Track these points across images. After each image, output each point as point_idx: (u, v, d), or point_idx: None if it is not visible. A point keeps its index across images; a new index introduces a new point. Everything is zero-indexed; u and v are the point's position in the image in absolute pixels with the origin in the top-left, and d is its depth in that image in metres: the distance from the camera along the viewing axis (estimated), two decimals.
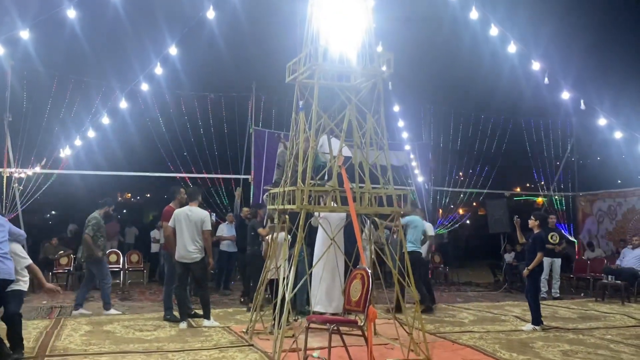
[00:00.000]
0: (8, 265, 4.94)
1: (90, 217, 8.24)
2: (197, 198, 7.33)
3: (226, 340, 6.16)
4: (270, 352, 5.36)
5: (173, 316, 7.31)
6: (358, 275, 5.24)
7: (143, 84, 10.69)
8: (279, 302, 5.60)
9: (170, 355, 5.36)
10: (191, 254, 7.02)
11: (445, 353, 5.66)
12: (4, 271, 4.90)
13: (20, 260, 5.29)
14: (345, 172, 5.76)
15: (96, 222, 8.14)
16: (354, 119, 6.11)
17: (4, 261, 4.91)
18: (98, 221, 8.17)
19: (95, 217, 8.21)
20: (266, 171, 12.30)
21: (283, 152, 7.06)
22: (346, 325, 5.28)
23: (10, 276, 4.96)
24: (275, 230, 6.44)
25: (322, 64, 5.82)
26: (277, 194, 6.15)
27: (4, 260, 4.91)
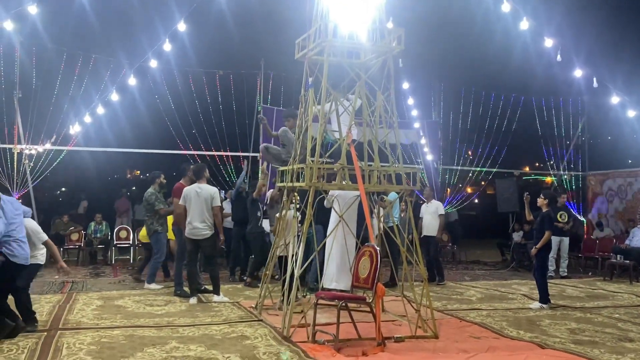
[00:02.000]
0: (25, 250, 5.04)
1: (147, 194, 8.26)
2: (203, 175, 7.35)
3: (235, 315, 6.24)
4: (279, 327, 5.42)
5: (183, 291, 7.40)
6: (366, 252, 5.27)
7: (152, 61, 10.64)
8: (288, 278, 5.65)
9: (181, 330, 5.44)
10: (201, 231, 7.08)
11: (452, 330, 5.70)
12: (22, 256, 5.01)
13: (38, 235, 5.38)
14: (354, 150, 5.74)
15: (156, 196, 8.21)
16: (364, 97, 6.06)
17: (22, 246, 5.01)
18: (157, 194, 8.24)
19: (152, 192, 8.25)
20: None
21: (285, 131, 7.04)
22: (354, 301, 5.33)
23: (26, 261, 5.06)
24: (284, 208, 6.46)
25: (331, 40, 5.75)
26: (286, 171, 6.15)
27: (22, 245, 5.01)
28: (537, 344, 5.18)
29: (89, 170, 19.08)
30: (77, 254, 11.90)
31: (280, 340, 5.06)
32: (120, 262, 11.78)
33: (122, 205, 14.51)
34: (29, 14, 9.18)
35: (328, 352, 4.68)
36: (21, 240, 5.03)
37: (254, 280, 8.38)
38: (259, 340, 5.08)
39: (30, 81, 11.83)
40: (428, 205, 9.74)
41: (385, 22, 6.13)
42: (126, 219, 14.03)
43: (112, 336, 5.11)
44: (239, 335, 5.28)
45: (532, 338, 5.42)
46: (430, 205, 9.71)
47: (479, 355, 4.70)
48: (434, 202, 9.83)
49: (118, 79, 11.28)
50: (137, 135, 14.82)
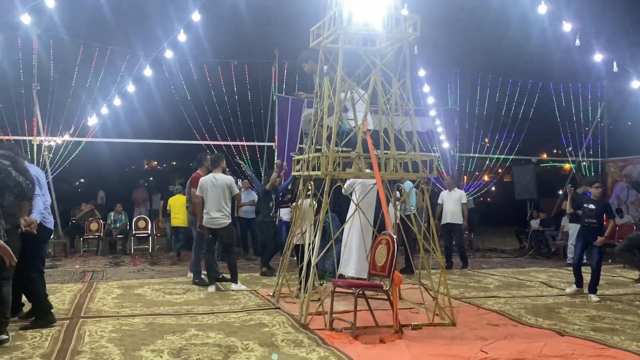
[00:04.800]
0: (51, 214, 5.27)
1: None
2: (219, 164, 7.41)
3: (253, 303, 6.29)
4: (296, 315, 5.46)
5: (201, 280, 7.49)
6: (383, 240, 5.27)
7: (167, 51, 10.69)
8: (305, 266, 5.68)
9: (200, 318, 5.51)
10: (218, 220, 7.15)
11: (470, 318, 5.69)
12: (51, 221, 5.24)
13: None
14: (370, 138, 5.72)
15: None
16: (379, 84, 6.03)
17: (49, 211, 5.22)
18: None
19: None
20: (290, 138, 12.30)
21: (307, 122, 7.03)
22: (371, 289, 5.34)
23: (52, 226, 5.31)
24: (300, 197, 6.47)
25: (346, 27, 5.71)
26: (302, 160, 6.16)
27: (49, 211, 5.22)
28: (555, 331, 5.15)
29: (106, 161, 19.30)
30: (96, 244, 12.09)
31: (298, 328, 5.09)
32: (139, 252, 11.94)
33: (140, 195, 14.69)
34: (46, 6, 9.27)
35: (345, 340, 4.70)
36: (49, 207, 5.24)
37: (269, 269, 8.44)
38: (277, 328, 5.12)
39: (48, 73, 11.97)
40: (451, 193, 9.80)
41: (400, 9, 6.07)
42: (144, 209, 14.20)
43: (133, 324, 5.19)
44: (257, 322, 5.33)
45: (551, 325, 5.38)
46: (453, 193, 9.79)
47: (497, 342, 4.68)
48: (457, 191, 9.91)
49: (134, 70, 11.35)
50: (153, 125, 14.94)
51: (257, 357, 4.22)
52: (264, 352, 4.35)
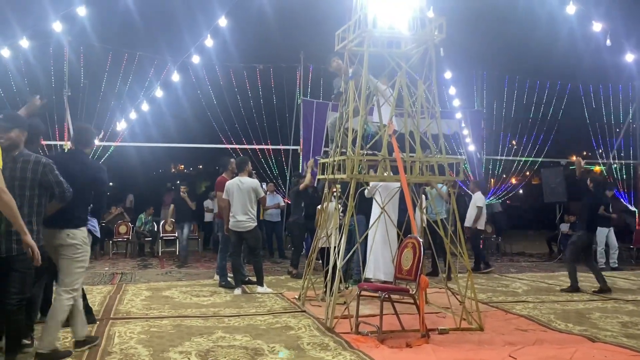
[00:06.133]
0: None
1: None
2: (245, 168, 7.47)
3: (279, 306, 6.32)
4: (322, 318, 5.46)
5: (228, 282, 7.55)
6: (409, 244, 5.24)
7: (194, 57, 10.84)
8: (330, 270, 5.68)
9: (227, 320, 5.55)
10: (244, 223, 7.20)
11: (498, 322, 5.61)
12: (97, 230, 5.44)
13: None
14: (395, 141, 5.69)
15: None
16: (405, 87, 6.00)
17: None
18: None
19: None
20: (315, 141, 12.33)
21: (332, 125, 7.03)
22: (397, 293, 5.31)
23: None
24: (326, 200, 6.48)
25: (372, 30, 5.71)
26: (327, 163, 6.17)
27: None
28: (587, 337, 5.04)
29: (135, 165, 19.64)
30: (125, 247, 12.29)
31: (324, 331, 5.10)
32: (167, 254, 12.10)
33: (169, 198, 14.88)
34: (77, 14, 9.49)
35: (371, 343, 4.68)
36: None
37: (299, 272, 8.47)
38: (303, 331, 5.13)
39: (78, 80, 12.26)
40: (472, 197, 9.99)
41: (425, 11, 6.04)
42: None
43: (161, 325, 5.26)
44: (283, 325, 5.35)
45: (582, 331, 5.27)
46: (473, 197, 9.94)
47: (526, 348, 4.61)
48: (475, 194, 9.97)
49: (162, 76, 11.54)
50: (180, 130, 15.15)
51: None
52: (290, 355, 4.37)
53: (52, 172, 3.89)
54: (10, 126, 3.84)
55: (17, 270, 3.72)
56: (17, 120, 3.97)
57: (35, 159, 3.87)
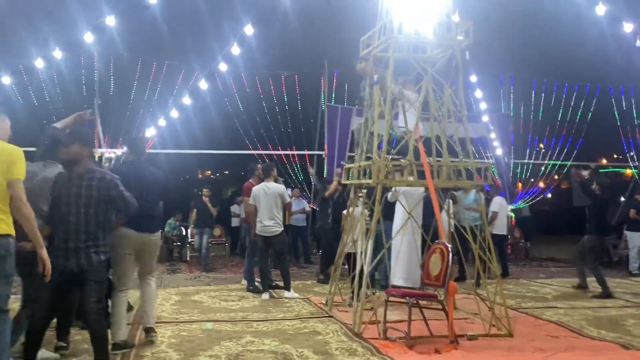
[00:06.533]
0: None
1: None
2: (271, 174, 7.54)
3: (307, 311, 6.35)
4: (349, 324, 5.47)
5: (255, 287, 7.62)
6: (437, 249, 5.22)
7: (221, 64, 10.99)
8: (357, 275, 5.69)
9: (255, 325, 5.61)
10: (271, 228, 7.27)
11: (527, 329, 5.54)
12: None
13: None
14: (422, 146, 5.69)
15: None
16: (431, 91, 6.00)
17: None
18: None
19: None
20: (339, 146, 12.36)
21: (357, 131, 7.06)
22: (425, 299, 5.29)
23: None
24: (351, 205, 6.50)
25: (397, 36, 5.72)
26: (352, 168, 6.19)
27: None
28: (620, 344, 4.94)
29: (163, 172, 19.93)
30: None
31: (352, 337, 5.10)
32: (195, 259, 12.24)
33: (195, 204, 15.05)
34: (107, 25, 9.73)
35: (400, 349, 4.67)
36: None
37: (327, 277, 8.49)
38: (330, 336, 5.15)
39: (108, 89, 12.55)
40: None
41: (451, 15, 6.03)
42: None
43: (191, 330, 5.34)
44: (310, 330, 5.38)
45: (615, 338, 5.17)
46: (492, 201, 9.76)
47: (557, 355, 4.54)
48: (494, 199, 9.81)
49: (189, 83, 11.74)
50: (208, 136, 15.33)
51: None
52: None
53: (116, 188, 3.96)
54: (70, 141, 3.90)
55: (94, 280, 3.87)
56: (79, 135, 4.02)
57: (99, 176, 3.93)
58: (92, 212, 3.86)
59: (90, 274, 3.85)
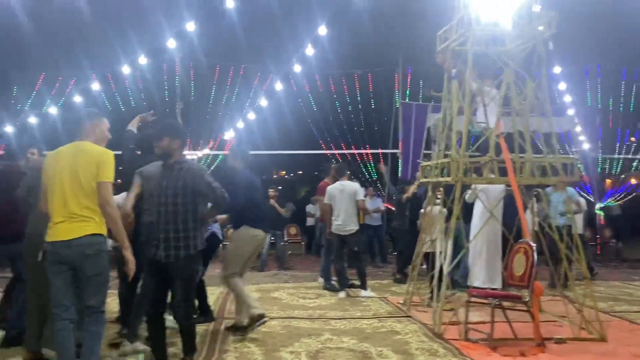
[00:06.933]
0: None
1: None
2: (345, 173, 7.57)
3: (384, 310, 6.31)
4: (429, 324, 5.38)
5: (332, 286, 7.66)
6: (521, 249, 5.02)
7: (295, 66, 11.14)
8: (437, 275, 5.58)
9: (333, 322, 5.64)
10: (346, 227, 7.28)
11: (622, 333, 5.20)
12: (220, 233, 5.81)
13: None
14: (504, 142, 5.49)
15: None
16: (512, 85, 5.77)
17: None
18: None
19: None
20: (414, 144, 12.19)
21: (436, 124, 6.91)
22: (509, 300, 5.10)
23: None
24: (429, 203, 6.39)
25: (475, 29, 5.55)
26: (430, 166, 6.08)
27: None
28: None
29: None
30: None
31: (432, 337, 5.01)
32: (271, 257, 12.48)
33: None
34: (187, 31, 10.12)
35: (483, 351, 4.54)
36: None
37: (403, 276, 8.41)
38: (410, 336, 5.08)
39: (188, 93, 13.09)
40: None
41: (531, 5, 5.77)
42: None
43: (271, 326, 5.44)
44: (388, 330, 5.34)
45: None
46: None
47: None
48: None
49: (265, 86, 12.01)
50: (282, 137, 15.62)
51: None
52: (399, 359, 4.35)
53: (202, 177, 3.88)
54: (160, 135, 3.94)
55: (180, 277, 3.82)
56: (168, 128, 4.04)
57: (187, 166, 3.89)
58: (180, 203, 3.81)
59: (176, 270, 3.80)
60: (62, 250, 3.34)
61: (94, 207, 3.38)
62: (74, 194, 3.36)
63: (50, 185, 3.46)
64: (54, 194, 3.41)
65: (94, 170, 3.38)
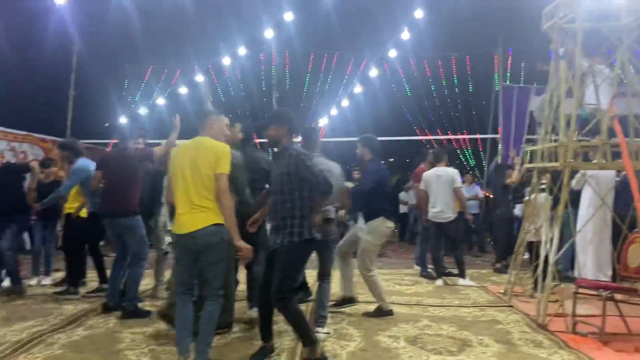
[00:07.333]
0: None
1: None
2: (443, 159, 7.40)
3: (484, 299, 6.15)
4: (532, 315, 5.18)
5: (428, 273, 7.59)
6: (637, 239, 4.69)
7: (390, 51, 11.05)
8: (542, 265, 5.35)
9: (431, 309, 5.60)
10: (443, 214, 7.16)
11: None
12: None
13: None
14: (618, 125, 5.12)
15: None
16: (627, 64, 5.35)
17: None
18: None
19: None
20: (516, 129, 11.66)
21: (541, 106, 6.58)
22: (622, 292, 4.79)
23: None
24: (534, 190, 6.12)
25: (586, 4, 5.21)
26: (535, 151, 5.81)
27: None
28: None
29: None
30: None
31: (535, 328, 4.84)
32: None
33: None
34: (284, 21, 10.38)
35: (592, 345, 4.30)
36: None
37: (504, 266, 8.15)
38: (512, 326, 4.93)
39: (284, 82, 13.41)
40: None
41: None
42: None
43: (369, 310, 5.50)
44: (489, 319, 5.21)
45: None
46: None
47: None
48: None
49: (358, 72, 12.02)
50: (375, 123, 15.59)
51: (494, 353, 4.13)
52: (501, 349, 4.24)
53: (303, 163, 3.79)
54: (267, 124, 3.98)
55: (278, 264, 3.77)
56: (274, 116, 3.99)
57: (289, 153, 3.81)
58: (286, 191, 3.78)
59: (280, 254, 3.77)
60: (187, 241, 3.61)
61: (212, 198, 3.60)
62: (195, 186, 3.60)
63: (174, 179, 3.73)
64: (178, 187, 3.67)
65: (212, 163, 3.58)
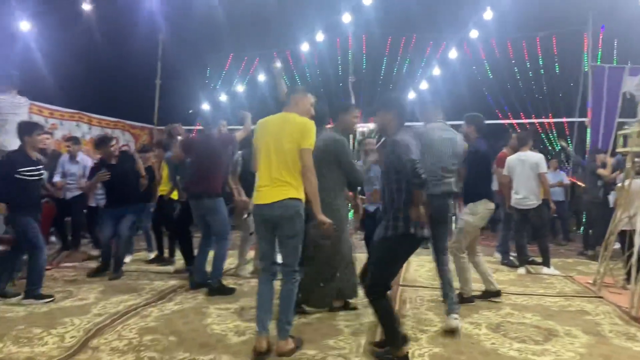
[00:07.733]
0: None
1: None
2: (527, 143, 7.10)
3: (570, 289, 5.90)
4: (625, 307, 4.92)
5: (510, 261, 7.36)
6: None
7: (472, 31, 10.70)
8: (636, 255, 5.05)
9: (513, 298, 5.44)
10: (527, 200, 6.90)
11: None
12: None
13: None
14: None
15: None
16: None
17: None
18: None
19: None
20: (607, 112, 10.96)
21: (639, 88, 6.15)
22: None
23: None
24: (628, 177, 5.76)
25: None
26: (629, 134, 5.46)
27: None
28: None
29: None
30: None
31: (628, 320, 4.59)
32: None
33: None
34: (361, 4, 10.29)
35: None
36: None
37: (594, 256, 7.76)
38: (601, 318, 4.71)
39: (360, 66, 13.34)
40: None
41: None
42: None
43: None
44: (577, 309, 5.00)
45: None
46: None
47: None
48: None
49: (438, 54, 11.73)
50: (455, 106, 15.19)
51: (582, 344, 3.97)
52: (590, 340, 4.07)
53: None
54: (375, 111, 3.78)
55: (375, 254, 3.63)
56: (381, 102, 3.80)
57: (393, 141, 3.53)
58: (389, 180, 3.59)
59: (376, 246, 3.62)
60: (266, 212, 3.67)
61: (293, 173, 3.65)
62: (277, 160, 3.66)
63: (258, 151, 3.81)
64: (261, 159, 3.75)
65: (297, 138, 3.62)
